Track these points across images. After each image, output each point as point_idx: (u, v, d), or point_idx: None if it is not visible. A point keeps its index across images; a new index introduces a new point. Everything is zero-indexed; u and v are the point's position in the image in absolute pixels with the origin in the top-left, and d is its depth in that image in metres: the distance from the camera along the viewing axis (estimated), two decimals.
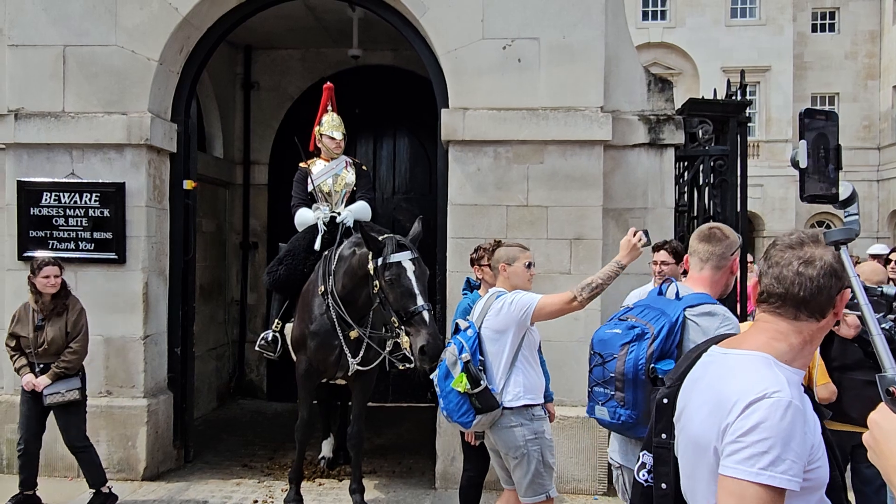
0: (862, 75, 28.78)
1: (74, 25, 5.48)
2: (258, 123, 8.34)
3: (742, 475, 1.40)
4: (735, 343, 1.64)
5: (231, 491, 5.29)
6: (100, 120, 5.45)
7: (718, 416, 1.48)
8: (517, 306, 3.42)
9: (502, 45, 5.33)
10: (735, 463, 1.42)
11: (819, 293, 1.52)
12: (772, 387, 1.45)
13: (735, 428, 1.43)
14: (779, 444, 1.40)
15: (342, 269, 4.66)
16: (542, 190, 5.32)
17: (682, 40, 27.84)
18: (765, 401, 1.42)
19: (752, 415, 1.42)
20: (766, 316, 1.59)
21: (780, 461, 1.39)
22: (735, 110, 5.62)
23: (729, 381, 1.52)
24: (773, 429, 1.41)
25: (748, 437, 1.41)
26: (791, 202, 27.32)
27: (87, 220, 5.46)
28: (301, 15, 7.01)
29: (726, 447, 1.44)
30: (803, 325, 1.55)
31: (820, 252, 1.54)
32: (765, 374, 1.49)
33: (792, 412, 1.42)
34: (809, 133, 1.34)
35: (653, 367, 2.49)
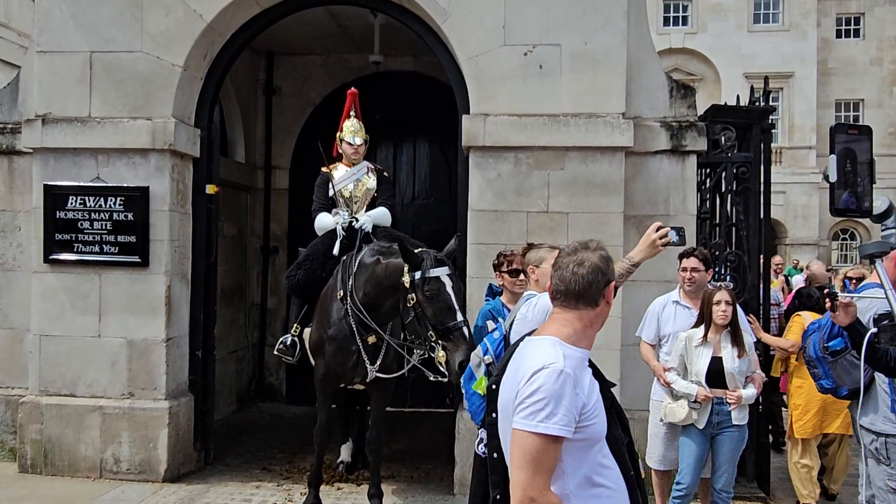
0: (888, 81, 28.39)
1: (101, 32, 5.56)
2: (280, 129, 8.40)
3: (525, 427, 1.83)
4: (539, 331, 2.08)
5: (251, 494, 5.31)
6: (125, 125, 5.52)
7: (516, 386, 1.91)
8: (540, 308, 3.34)
9: (524, 51, 5.33)
10: (521, 419, 1.84)
11: (589, 287, 1.98)
12: (550, 360, 1.87)
13: (521, 392, 1.86)
14: (552, 402, 1.81)
15: (364, 277, 4.66)
16: (563, 196, 5.30)
17: (703, 46, 27.66)
18: (543, 370, 1.85)
19: (534, 381, 1.84)
20: (557, 309, 2.04)
21: (553, 415, 1.81)
22: (758, 117, 5.57)
23: (526, 359, 1.95)
24: (548, 391, 1.82)
25: (531, 398, 1.83)
26: (814, 209, 27.01)
27: (111, 223, 5.52)
28: (323, 21, 7.06)
29: (516, 408, 1.86)
30: (583, 312, 2.00)
31: (588, 255, 2.01)
32: (548, 352, 1.91)
33: (563, 378, 1.84)
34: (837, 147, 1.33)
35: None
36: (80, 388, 5.56)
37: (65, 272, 5.57)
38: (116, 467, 5.47)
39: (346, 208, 5.34)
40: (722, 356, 4.20)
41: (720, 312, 4.16)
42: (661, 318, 4.69)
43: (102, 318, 5.54)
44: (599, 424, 1.95)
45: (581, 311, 1.99)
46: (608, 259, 2.04)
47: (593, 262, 1.99)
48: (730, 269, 5.46)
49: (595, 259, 2.00)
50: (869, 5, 28.70)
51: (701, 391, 4.15)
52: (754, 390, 4.22)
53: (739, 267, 5.48)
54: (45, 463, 5.52)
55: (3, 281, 5.99)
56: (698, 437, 4.23)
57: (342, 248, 5.10)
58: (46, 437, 5.52)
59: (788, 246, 25.89)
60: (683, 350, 4.30)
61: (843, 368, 3.29)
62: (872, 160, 1.34)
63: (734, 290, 4.65)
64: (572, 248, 2.05)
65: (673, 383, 4.29)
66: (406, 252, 4.21)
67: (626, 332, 5.21)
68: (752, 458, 5.38)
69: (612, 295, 2.05)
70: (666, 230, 2.91)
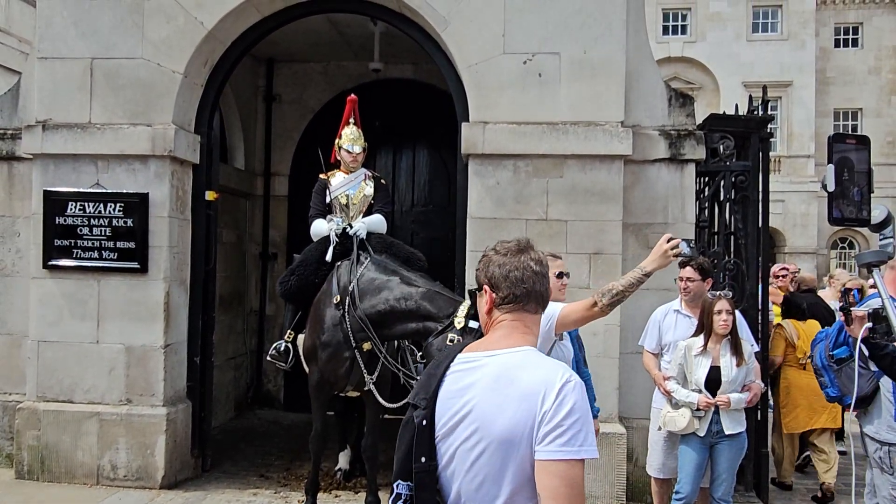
0: (886, 90, 28.50)
1: (103, 39, 5.58)
2: (279, 135, 8.42)
3: (568, 455, 1.56)
4: (488, 346, 1.77)
5: (248, 501, 5.30)
6: (125, 131, 5.53)
7: (529, 408, 1.59)
8: (544, 316, 3.34)
9: (523, 59, 5.35)
10: (560, 446, 1.56)
11: (547, 288, 1.83)
12: (565, 372, 1.64)
13: (553, 414, 1.57)
14: (586, 421, 1.60)
15: (372, 287, 4.60)
16: (562, 204, 5.31)
17: (702, 55, 27.76)
18: (568, 385, 1.60)
19: (565, 400, 1.58)
20: (511, 315, 1.78)
21: (589, 434, 1.60)
22: (757, 126, 5.59)
23: (523, 376, 1.64)
24: (582, 408, 1.60)
25: (567, 420, 1.57)
26: (813, 218, 27.05)
27: (110, 229, 5.53)
28: (324, 29, 7.08)
29: (546, 435, 1.57)
30: (538, 316, 1.82)
31: (539, 255, 1.84)
32: (551, 363, 1.70)
33: (583, 390, 1.64)
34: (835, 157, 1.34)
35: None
36: (77, 395, 5.55)
37: (64, 278, 5.57)
38: (114, 474, 5.46)
39: (342, 215, 5.35)
40: (720, 365, 4.20)
41: (721, 322, 4.16)
42: (662, 326, 4.70)
43: (101, 325, 5.54)
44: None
45: (536, 317, 1.82)
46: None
47: (546, 262, 1.86)
48: (728, 278, 5.46)
49: (545, 259, 1.86)
50: (867, 15, 28.84)
51: (702, 399, 4.15)
52: (744, 394, 4.21)
53: (738, 275, 5.49)
54: (43, 469, 5.50)
55: (2, 286, 5.99)
56: (698, 446, 4.23)
57: (336, 254, 5.10)
58: (44, 444, 5.50)
59: (787, 255, 25.91)
60: (682, 359, 4.30)
61: (848, 377, 3.30)
62: (870, 170, 1.35)
63: (733, 299, 4.66)
64: (516, 247, 1.83)
65: (673, 392, 4.29)
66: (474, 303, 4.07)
67: (624, 341, 5.22)
68: (751, 467, 5.37)
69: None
70: (677, 241, 2.94)
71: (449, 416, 1.69)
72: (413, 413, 1.74)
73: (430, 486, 1.70)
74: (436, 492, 1.70)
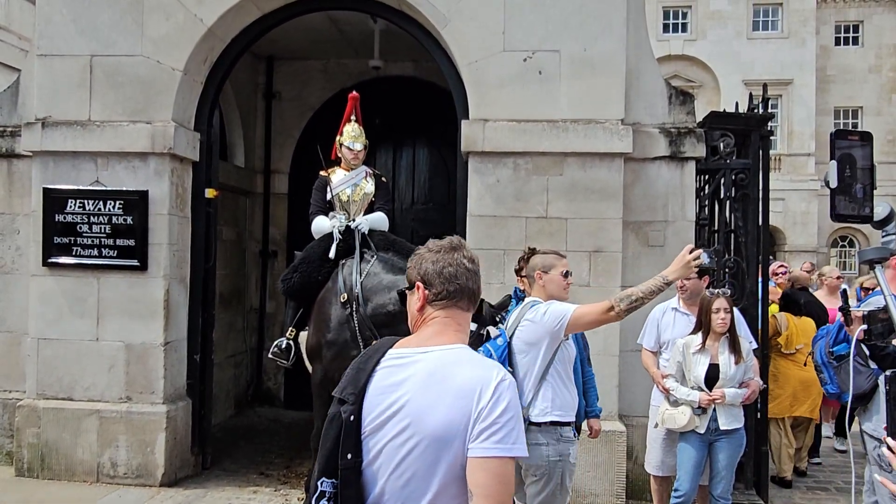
0: (886, 89, 28.49)
1: (102, 36, 5.57)
2: (279, 133, 8.42)
3: (502, 453, 1.57)
4: (420, 342, 1.75)
5: (248, 499, 5.30)
6: (125, 129, 5.53)
7: (464, 405, 1.59)
8: (551, 317, 3.28)
9: (523, 57, 5.34)
10: (494, 443, 1.57)
11: (479, 286, 1.83)
12: (499, 371, 1.65)
13: (489, 411, 1.58)
14: (519, 418, 1.63)
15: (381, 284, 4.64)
16: (562, 202, 5.31)
17: (703, 53, 27.76)
18: (503, 384, 1.62)
19: (500, 399, 1.59)
20: (443, 312, 1.77)
21: (520, 432, 1.62)
22: (757, 124, 5.58)
23: (458, 373, 1.64)
24: (515, 406, 1.62)
25: (503, 417, 1.58)
26: (813, 216, 27.06)
27: (110, 227, 5.52)
28: (323, 27, 7.07)
29: (482, 432, 1.58)
30: (469, 315, 1.82)
31: (472, 253, 1.84)
32: (486, 361, 1.71)
33: (516, 389, 1.67)
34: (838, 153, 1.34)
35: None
36: (77, 392, 5.55)
37: (63, 275, 5.57)
38: (114, 471, 5.46)
39: (343, 212, 5.34)
40: (719, 363, 4.20)
41: (719, 320, 4.16)
42: (660, 325, 4.70)
43: (100, 322, 5.54)
44: None
45: (468, 314, 1.82)
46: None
47: (478, 260, 1.86)
48: (728, 276, 5.46)
49: (476, 258, 1.86)
50: (868, 13, 28.82)
51: (703, 396, 4.15)
52: (741, 390, 4.21)
53: (738, 273, 5.49)
54: (42, 467, 5.50)
55: (2, 284, 5.99)
56: (696, 443, 4.23)
57: (339, 251, 5.10)
58: (43, 441, 5.50)
59: (787, 253, 25.91)
60: (681, 357, 4.30)
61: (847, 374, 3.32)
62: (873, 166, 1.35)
63: (732, 297, 4.66)
64: (449, 244, 1.83)
65: (673, 390, 4.29)
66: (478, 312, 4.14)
67: (624, 339, 5.21)
68: (750, 464, 5.37)
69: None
70: (699, 252, 3.02)
71: (378, 412, 1.67)
72: (340, 408, 1.70)
73: (355, 483, 1.68)
74: (359, 489, 1.67)
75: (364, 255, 4.90)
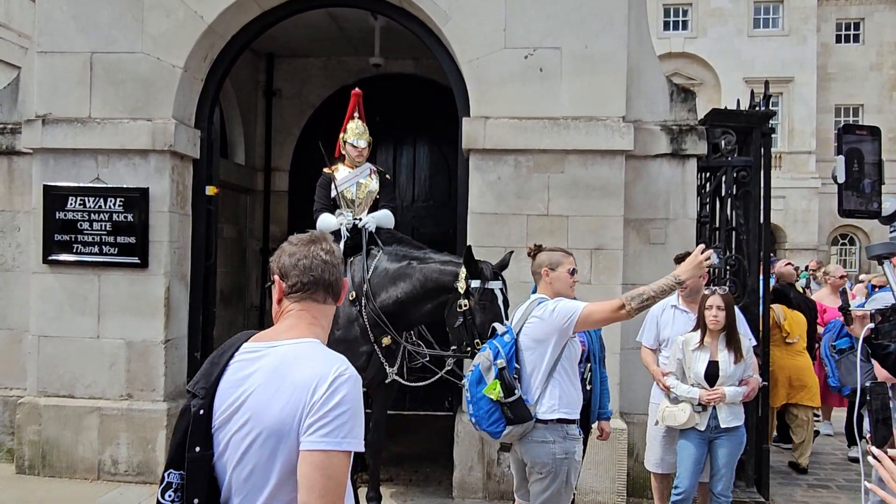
0: (887, 87, 28.46)
1: (102, 33, 5.56)
2: (279, 131, 8.41)
3: (330, 447, 1.57)
4: (273, 336, 1.76)
5: None
6: (125, 126, 5.52)
7: (299, 399, 1.60)
8: (560, 314, 3.27)
9: (524, 54, 5.34)
10: (322, 437, 1.57)
11: (338, 279, 1.82)
12: (341, 365, 1.65)
13: (317, 406, 1.58)
14: (356, 413, 1.62)
15: (389, 280, 4.68)
16: (563, 199, 5.30)
17: (703, 50, 27.72)
18: (341, 377, 1.61)
19: (335, 392, 1.59)
20: (298, 305, 1.79)
21: (356, 427, 1.61)
22: (759, 121, 5.57)
23: (299, 367, 1.65)
24: (353, 400, 1.61)
25: (335, 411, 1.58)
26: (813, 214, 27.05)
27: (110, 224, 5.52)
28: (324, 24, 7.06)
29: (311, 426, 1.58)
30: (328, 307, 1.82)
31: (332, 245, 1.84)
32: (330, 355, 1.69)
33: (359, 384, 1.66)
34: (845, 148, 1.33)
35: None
36: (78, 389, 5.55)
37: (64, 273, 5.56)
38: (115, 469, 5.46)
39: (347, 210, 5.33)
40: (718, 360, 4.20)
41: (711, 317, 4.17)
42: (660, 322, 4.70)
43: (101, 320, 5.54)
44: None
45: (326, 307, 1.82)
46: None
47: (338, 252, 1.86)
48: (730, 273, 5.45)
49: (337, 251, 1.86)
50: (869, 11, 28.78)
51: (704, 394, 4.15)
52: (741, 388, 4.21)
53: (739, 271, 5.48)
54: (44, 464, 5.51)
55: (2, 281, 5.98)
56: (697, 440, 4.23)
57: (346, 249, 5.10)
58: (45, 439, 5.50)
59: (788, 251, 25.90)
60: (681, 354, 4.30)
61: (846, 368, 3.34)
62: (881, 161, 1.34)
63: (734, 295, 4.66)
64: (309, 238, 1.85)
65: (673, 388, 4.28)
66: (469, 260, 4.26)
67: (625, 336, 5.21)
68: (752, 462, 5.37)
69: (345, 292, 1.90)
70: (710, 252, 3.10)
71: (226, 406, 1.69)
72: (191, 402, 1.73)
73: (202, 475, 1.69)
74: (208, 481, 1.69)
75: (371, 251, 4.90)
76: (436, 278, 4.46)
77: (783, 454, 6.66)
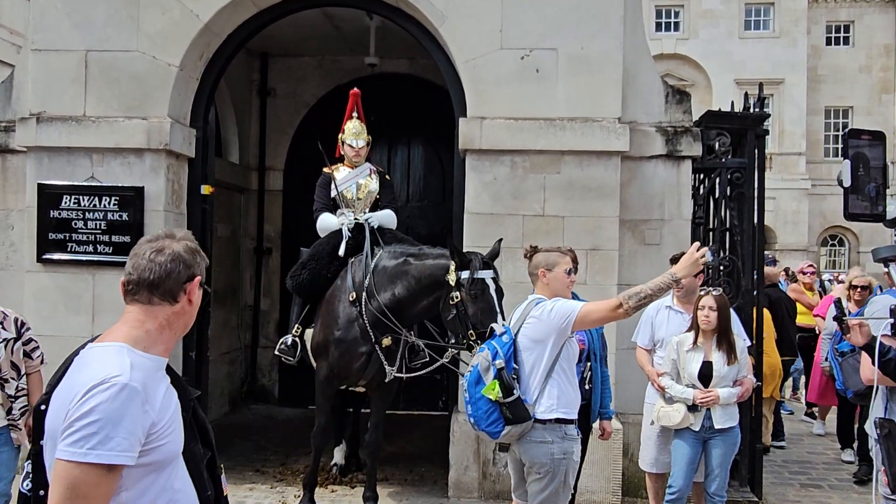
0: (877, 89, 28.67)
1: (97, 31, 5.53)
2: (274, 130, 8.39)
3: (71, 457, 1.51)
4: (103, 337, 1.75)
5: (244, 496, 5.29)
6: (120, 124, 5.50)
7: (65, 406, 1.57)
8: (558, 314, 3.29)
9: (520, 55, 5.35)
10: (67, 445, 1.52)
11: (167, 277, 1.71)
12: (113, 372, 1.57)
13: (72, 413, 1.54)
14: (109, 424, 1.52)
15: (389, 277, 4.68)
16: (559, 200, 5.32)
17: (695, 52, 27.84)
18: (101, 385, 1.54)
19: (88, 400, 1.53)
20: (129, 307, 1.75)
21: (109, 439, 1.52)
22: (753, 123, 5.61)
23: (81, 373, 1.62)
24: (105, 410, 1.53)
25: (82, 420, 1.52)
26: (803, 215, 27.22)
27: (105, 223, 5.49)
28: (319, 23, 7.05)
29: (64, 432, 1.54)
30: (158, 309, 1.72)
31: (171, 244, 1.75)
32: (112, 362, 1.61)
33: (126, 394, 1.55)
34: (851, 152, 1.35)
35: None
36: None
37: (58, 272, 5.53)
38: None
39: (348, 210, 5.33)
40: (713, 360, 4.23)
41: (703, 318, 4.20)
42: (654, 322, 4.73)
43: (96, 319, 5.51)
44: (173, 443, 1.69)
45: (156, 308, 1.72)
46: (195, 252, 1.79)
47: (175, 250, 1.75)
48: (724, 274, 5.49)
49: (179, 248, 1.76)
50: (859, 13, 28.99)
51: (698, 394, 4.17)
52: (735, 389, 4.24)
53: (734, 272, 5.51)
54: None
55: None
56: (691, 440, 4.25)
57: (348, 248, 5.10)
58: None
59: (778, 251, 26.03)
60: (675, 354, 4.33)
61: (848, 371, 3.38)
62: (886, 165, 1.35)
63: (728, 296, 4.69)
64: (154, 237, 1.80)
65: (668, 388, 4.31)
66: (455, 251, 4.29)
67: (620, 336, 5.23)
68: (746, 462, 5.41)
69: (198, 295, 1.79)
70: (705, 250, 3.15)
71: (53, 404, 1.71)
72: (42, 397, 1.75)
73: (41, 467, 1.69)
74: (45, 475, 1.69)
75: (373, 251, 4.90)
76: (430, 273, 4.47)
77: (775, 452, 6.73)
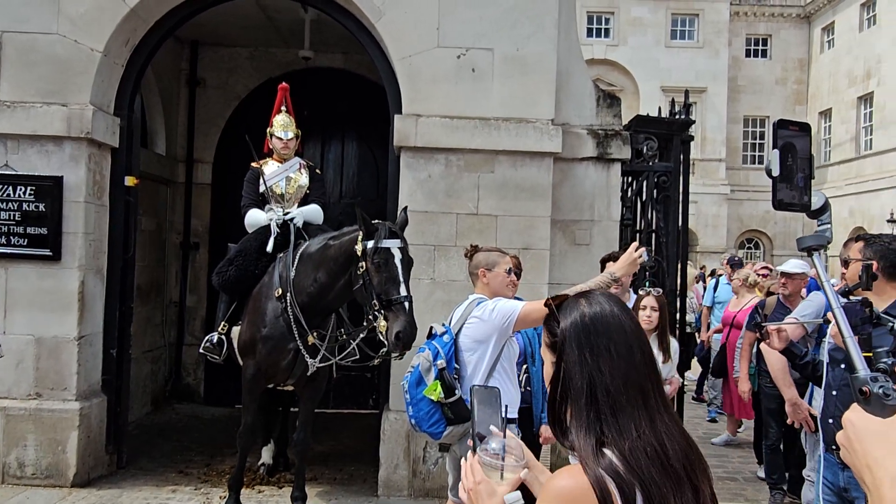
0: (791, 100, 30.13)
1: (14, 11, 5.25)
2: (203, 121, 8.15)
3: None
4: None
5: (166, 498, 5.12)
6: (38, 110, 5.23)
7: None
8: (500, 313, 3.31)
9: (457, 53, 5.37)
10: None
11: None
12: None
13: None
14: None
15: (311, 265, 4.56)
16: (493, 199, 5.37)
17: (624, 58, 28.59)
18: None
19: None
20: None
21: None
22: (679, 128, 5.81)
23: None
24: None
25: None
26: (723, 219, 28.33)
27: (20, 213, 5.22)
28: (252, 13, 6.90)
29: None
30: None
31: None
32: None
33: None
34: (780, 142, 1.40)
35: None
36: None
37: None
38: (21, 472, 5.17)
39: (277, 205, 5.23)
40: None
41: (645, 318, 4.32)
42: None
43: (8, 314, 5.23)
44: None
45: None
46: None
47: None
48: (650, 275, 5.65)
49: None
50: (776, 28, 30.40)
51: None
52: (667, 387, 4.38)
53: (659, 272, 5.69)
54: None
55: None
56: None
57: (276, 245, 5.00)
58: None
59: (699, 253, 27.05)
60: None
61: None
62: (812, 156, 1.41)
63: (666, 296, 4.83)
64: None
65: None
66: (362, 220, 4.12)
67: None
68: None
69: None
70: (643, 250, 3.29)
71: None
72: None
73: None
74: None
75: (298, 245, 4.82)
76: (346, 249, 4.33)
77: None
